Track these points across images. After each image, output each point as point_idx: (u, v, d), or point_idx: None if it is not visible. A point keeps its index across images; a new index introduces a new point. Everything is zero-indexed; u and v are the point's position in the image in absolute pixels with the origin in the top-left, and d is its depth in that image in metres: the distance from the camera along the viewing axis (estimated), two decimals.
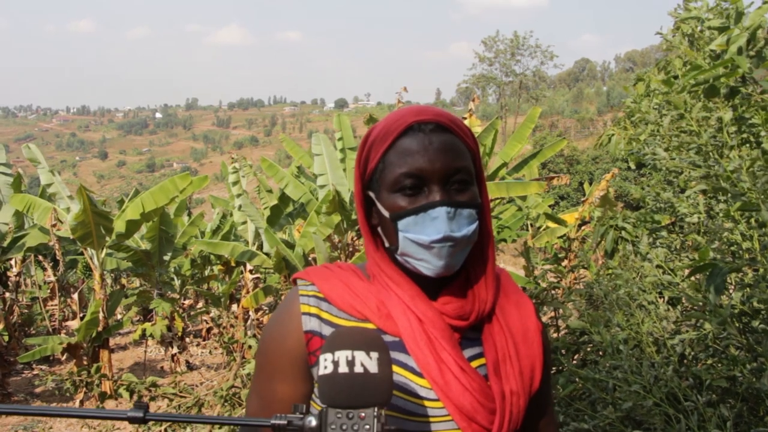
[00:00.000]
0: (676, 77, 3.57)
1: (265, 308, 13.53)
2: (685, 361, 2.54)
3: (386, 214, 1.18)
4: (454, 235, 1.14)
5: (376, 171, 1.20)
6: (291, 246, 11.39)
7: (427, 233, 1.14)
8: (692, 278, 2.77)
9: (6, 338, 12.11)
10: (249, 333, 10.98)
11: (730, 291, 2.68)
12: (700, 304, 2.41)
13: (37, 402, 11.14)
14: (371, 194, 1.23)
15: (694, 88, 2.62)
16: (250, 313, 12.76)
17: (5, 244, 11.16)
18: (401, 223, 1.16)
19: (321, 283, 1.25)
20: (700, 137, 2.81)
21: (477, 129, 11.06)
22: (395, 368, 1.13)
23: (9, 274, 13.39)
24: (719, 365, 2.39)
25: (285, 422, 1.02)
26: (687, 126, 2.98)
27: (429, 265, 1.16)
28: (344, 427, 0.99)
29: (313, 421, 1.01)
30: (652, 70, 4.82)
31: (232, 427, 3.94)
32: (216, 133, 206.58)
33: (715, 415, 2.06)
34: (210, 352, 13.87)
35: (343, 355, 1.02)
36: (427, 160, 1.14)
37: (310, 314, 1.22)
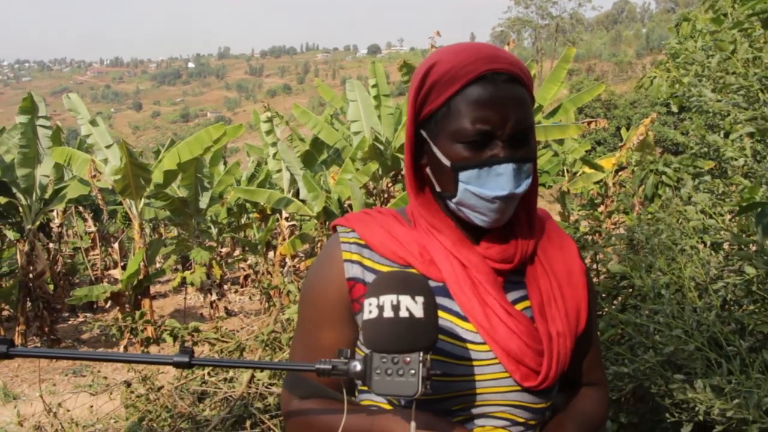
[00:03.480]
0: (725, 15, 3.43)
1: (302, 255, 13.68)
2: (728, 306, 2.50)
3: (447, 162, 1.13)
4: (516, 192, 1.12)
5: (437, 114, 1.14)
6: (327, 193, 11.47)
7: (490, 188, 1.11)
8: (737, 219, 2.70)
9: (52, 287, 12.49)
10: (286, 280, 11.14)
11: None
12: (745, 246, 2.36)
13: (83, 347, 11.53)
14: (424, 134, 1.18)
15: (751, 18, 2.50)
16: (287, 260, 12.92)
17: (47, 195, 11.39)
18: (463, 175, 1.12)
19: (362, 230, 1.22)
20: (747, 78, 2.71)
21: None
22: (440, 313, 1.11)
23: (51, 225, 13.75)
24: (762, 310, 2.35)
25: (330, 367, 1.03)
26: (733, 67, 2.87)
27: (485, 217, 1.14)
28: (389, 371, 0.99)
29: (358, 366, 1.02)
30: (699, 8, 4.64)
31: (272, 371, 4.03)
32: (249, 82, 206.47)
33: (758, 360, 2.03)
34: (249, 298, 14.12)
35: (388, 300, 1.01)
36: (499, 116, 1.09)
37: (352, 261, 1.20)
